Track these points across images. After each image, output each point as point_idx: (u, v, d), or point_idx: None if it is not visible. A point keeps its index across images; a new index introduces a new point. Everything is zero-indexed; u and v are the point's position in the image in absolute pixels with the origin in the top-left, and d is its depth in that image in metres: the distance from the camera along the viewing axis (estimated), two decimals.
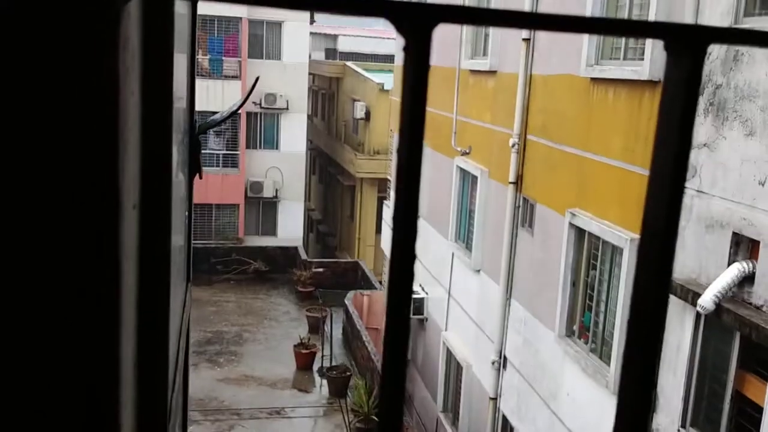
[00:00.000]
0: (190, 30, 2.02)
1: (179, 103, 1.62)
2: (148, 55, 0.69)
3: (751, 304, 6.09)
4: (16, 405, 0.52)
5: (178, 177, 1.48)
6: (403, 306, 0.47)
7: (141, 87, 0.64)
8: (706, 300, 6.18)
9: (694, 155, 6.93)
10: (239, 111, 19.31)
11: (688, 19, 7.02)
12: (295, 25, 26.59)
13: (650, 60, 7.57)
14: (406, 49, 0.48)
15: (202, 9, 24.46)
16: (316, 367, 18.04)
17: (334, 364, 17.69)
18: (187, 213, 1.72)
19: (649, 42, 7.63)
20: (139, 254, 0.74)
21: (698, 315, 6.64)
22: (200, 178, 1.86)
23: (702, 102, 6.85)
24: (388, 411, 0.47)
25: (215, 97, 24.46)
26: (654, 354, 0.53)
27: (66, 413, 0.53)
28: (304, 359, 18.10)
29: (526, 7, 10.36)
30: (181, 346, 1.51)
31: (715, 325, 6.55)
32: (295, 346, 18.32)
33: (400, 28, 0.49)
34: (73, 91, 0.48)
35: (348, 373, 16.89)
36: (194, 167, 1.75)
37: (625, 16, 8.36)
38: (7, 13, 0.47)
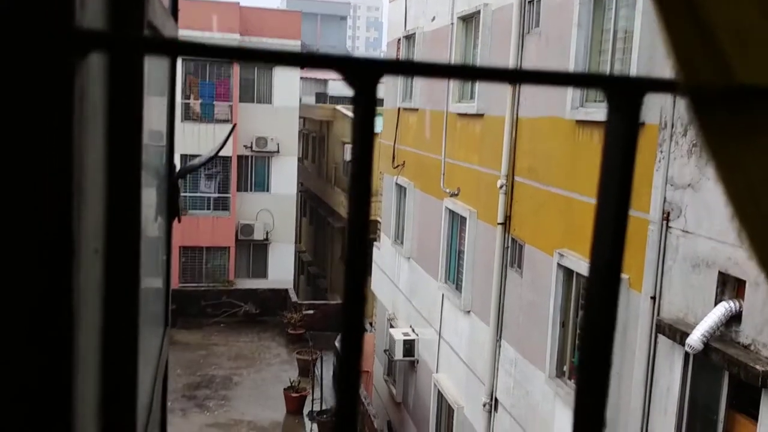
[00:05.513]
0: (170, 74, 2.04)
1: (157, 148, 1.64)
2: (115, 104, 0.71)
3: (738, 343, 6.09)
4: None
5: (156, 220, 1.49)
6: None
7: (107, 136, 0.66)
8: (695, 339, 6.18)
9: (679, 196, 6.99)
10: (217, 155, 19.44)
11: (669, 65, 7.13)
12: (286, 70, 26.86)
13: None
14: (354, 98, 0.52)
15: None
16: (306, 410, 17.82)
17: (324, 407, 17.48)
18: (165, 257, 1.72)
19: None
20: (104, 298, 0.74)
21: (687, 355, 6.63)
22: (179, 221, 1.87)
23: (686, 143, 6.93)
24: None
25: (206, 140, 24.58)
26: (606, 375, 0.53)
27: None
28: (295, 403, 17.89)
29: (512, 54, 10.54)
30: (156, 397, 1.49)
31: (704, 365, 6.54)
32: (285, 389, 18.13)
33: (348, 80, 0.52)
34: (24, 141, 0.50)
35: None
36: (173, 211, 1.77)
37: (608, 60, 8.51)
38: None
